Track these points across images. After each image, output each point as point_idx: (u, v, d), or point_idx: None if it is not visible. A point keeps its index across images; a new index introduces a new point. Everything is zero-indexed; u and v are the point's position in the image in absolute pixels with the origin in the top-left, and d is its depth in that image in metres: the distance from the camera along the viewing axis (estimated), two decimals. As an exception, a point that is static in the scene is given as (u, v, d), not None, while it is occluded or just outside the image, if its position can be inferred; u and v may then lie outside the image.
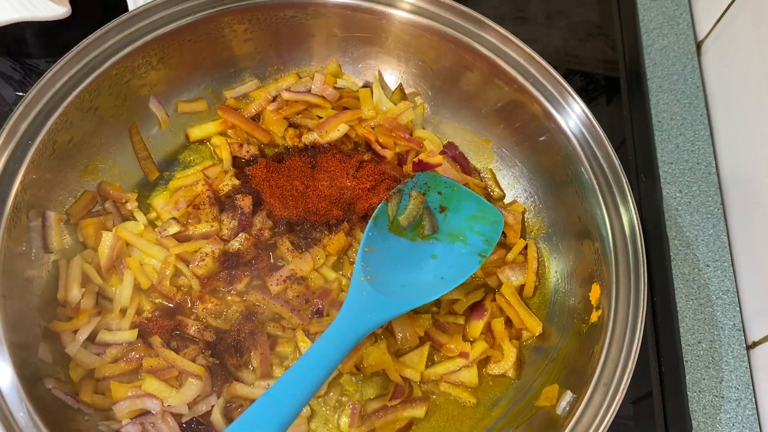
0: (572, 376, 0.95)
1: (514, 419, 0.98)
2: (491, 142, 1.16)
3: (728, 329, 1.12)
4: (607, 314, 0.91)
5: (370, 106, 1.15)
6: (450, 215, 1.05)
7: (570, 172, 1.02)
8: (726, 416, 1.06)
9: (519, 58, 1.04)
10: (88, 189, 1.05)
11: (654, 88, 1.31)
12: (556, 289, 1.07)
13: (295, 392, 0.78)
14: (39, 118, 0.95)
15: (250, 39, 1.11)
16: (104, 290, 1.01)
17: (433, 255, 1.01)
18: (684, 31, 1.37)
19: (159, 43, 1.03)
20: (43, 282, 0.97)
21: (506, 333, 1.04)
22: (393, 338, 1.02)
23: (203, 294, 1.01)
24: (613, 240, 0.95)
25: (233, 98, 1.16)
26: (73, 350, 0.95)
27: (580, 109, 1.01)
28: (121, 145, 1.09)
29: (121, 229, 1.03)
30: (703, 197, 1.22)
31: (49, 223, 0.98)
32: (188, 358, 0.95)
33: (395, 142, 1.15)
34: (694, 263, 1.16)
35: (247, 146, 1.13)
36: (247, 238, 1.03)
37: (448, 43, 1.06)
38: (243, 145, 1.13)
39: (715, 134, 1.28)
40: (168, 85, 1.10)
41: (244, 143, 1.13)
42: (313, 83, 1.15)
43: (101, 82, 1.00)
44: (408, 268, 0.99)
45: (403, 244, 1.01)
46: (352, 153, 1.14)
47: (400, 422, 0.99)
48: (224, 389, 0.96)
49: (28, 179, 0.93)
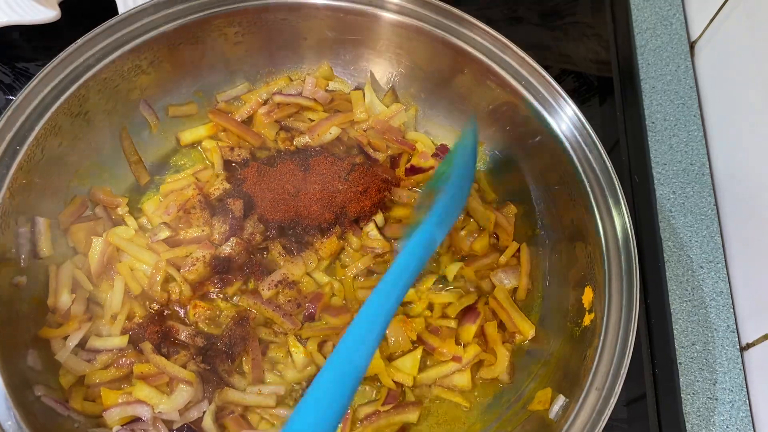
0: (565, 379, 0.94)
1: (507, 423, 0.98)
2: (484, 144, 1.15)
3: (722, 331, 1.11)
4: (600, 317, 0.91)
5: (362, 108, 1.15)
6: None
7: (562, 174, 1.02)
8: (720, 418, 1.05)
9: (511, 60, 1.04)
10: (78, 194, 1.04)
11: (647, 88, 1.31)
12: (548, 292, 1.07)
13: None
14: (28, 122, 0.94)
15: (241, 42, 1.11)
16: (95, 296, 1.00)
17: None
18: (677, 31, 1.37)
19: (149, 46, 1.02)
20: (33, 288, 0.96)
21: (499, 336, 1.03)
22: (385, 342, 1.01)
23: (194, 299, 1.01)
24: (605, 243, 0.94)
25: (224, 102, 1.16)
26: (63, 357, 0.94)
27: (572, 111, 1.01)
28: (111, 150, 1.08)
29: (111, 235, 1.02)
30: (696, 198, 1.21)
31: (38, 228, 0.97)
32: (179, 364, 0.95)
33: (387, 145, 1.15)
34: (687, 265, 1.16)
35: (239, 149, 1.13)
36: (238, 242, 1.02)
37: (440, 45, 1.06)
38: (234, 148, 1.13)
39: (708, 135, 1.27)
40: (158, 89, 1.10)
41: (235, 146, 1.13)
42: (305, 86, 1.15)
43: (91, 87, 0.99)
44: None
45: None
46: (344, 156, 1.13)
47: (393, 427, 0.98)
48: (216, 395, 0.95)
49: (17, 184, 0.92)
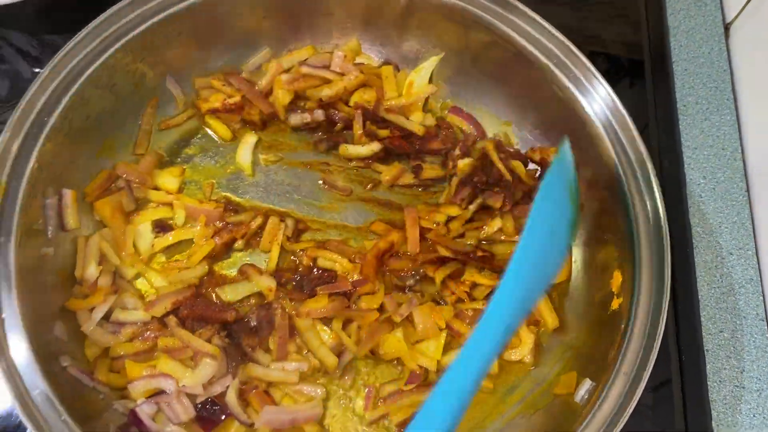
0: (591, 364, 0.93)
1: (531, 406, 0.97)
2: (512, 124, 1.13)
3: (751, 319, 1.09)
4: (629, 301, 0.90)
5: (392, 85, 1.13)
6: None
7: (593, 155, 1.00)
8: (747, 407, 1.04)
9: (543, 38, 1.01)
10: (104, 168, 1.04)
11: (679, 71, 1.28)
12: (576, 276, 1.05)
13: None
14: (55, 94, 0.94)
15: (268, 16, 1.09)
16: (121, 270, 1.01)
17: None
18: (712, 12, 1.33)
19: (176, 19, 1.01)
20: (60, 260, 0.97)
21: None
22: (413, 329, 1.00)
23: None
24: (636, 226, 0.93)
25: (248, 72, 1.14)
26: (88, 328, 0.95)
27: (605, 91, 0.99)
28: (138, 124, 1.08)
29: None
30: (727, 184, 1.19)
31: (65, 201, 0.97)
32: (203, 338, 0.95)
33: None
34: (717, 251, 1.14)
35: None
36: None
37: (472, 23, 1.04)
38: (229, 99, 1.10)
39: (741, 119, 1.24)
40: (185, 63, 1.09)
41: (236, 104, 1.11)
42: (333, 60, 1.12)
43: (118, 59, 0.99)
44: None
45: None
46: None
47: (415, 406, 0.98)
48: (239, 370, 0.95)
49: (44, 157, 0.92)
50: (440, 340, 1.00)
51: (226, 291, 1.01)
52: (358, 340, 0.99)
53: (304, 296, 1.01)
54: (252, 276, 1.02)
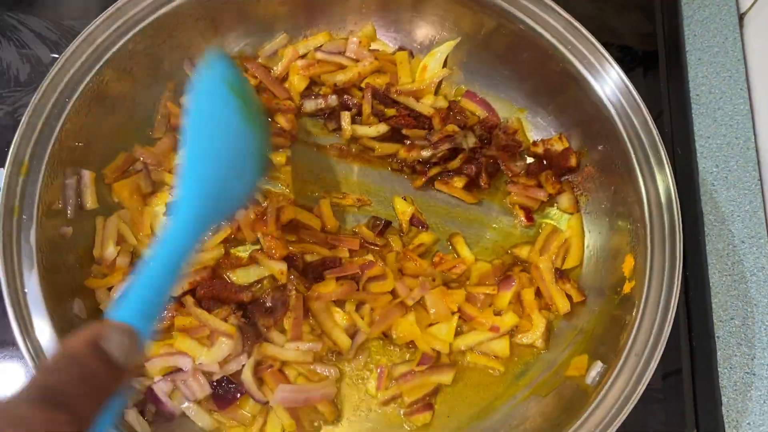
0: (602, 346, 0.94)
1: (542, 388, 0.98)
2: (526, 110, 1.14)
3: (762, 306, 1.10)
4: (641, 283, 0.90)
5: (407, 71, 1.14)
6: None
7: (606, 139, 1.00)
8: (757, 393, 1.04)
9: (556, 23, 1.02)
10: (123, 150, 1.06)
11: (693, 60, 1.28)
12: (588, 261, 1.06)
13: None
14: (75, 77, 0.95)
15: (284, 2, 1.10)
16: (139, 250, 1.02)
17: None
18: (726, 2, 1.33)
19: (194, 4, 1.02)
20: (79, 240, 0.98)
21: (536, 303, 1.03)
22: (426, 313, 1.02)
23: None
24: (648, 209, 0.93)
25: (264, 57, 1.14)
26: (107, 307, 0.96)
27: (617, 75, 0.99)
28: (155, 108, 1.09)
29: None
30: (740, 172, 1.19)
31: (84, 181, 0.99)
32: (220, 317, 0.96)
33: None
34: (728, 239, 1.14)
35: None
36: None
37: (486, 8, 1.04)
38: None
39: (755, 109, 1.24)
40: (202, 48, 1.09)
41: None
42: (348, 45, 1.13)
43: (136, 43, 1.00)
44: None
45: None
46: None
47: (426, 387, 0.99)
48: (254, 349, 0.97)
49: (65, 137, 0.94)
50: (452, 324, 1.01)
51: (238, 274, 1.02)
52: (371, 321, 1.00)
53: (310, 281, 1.02)
54: (262, 260, 1.03)
